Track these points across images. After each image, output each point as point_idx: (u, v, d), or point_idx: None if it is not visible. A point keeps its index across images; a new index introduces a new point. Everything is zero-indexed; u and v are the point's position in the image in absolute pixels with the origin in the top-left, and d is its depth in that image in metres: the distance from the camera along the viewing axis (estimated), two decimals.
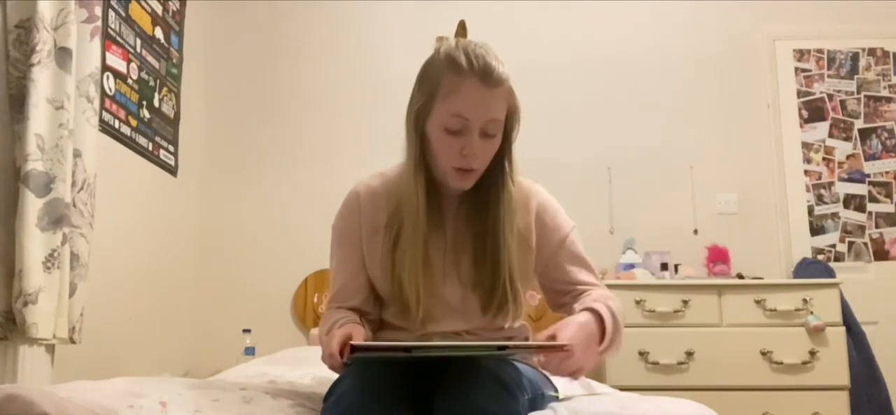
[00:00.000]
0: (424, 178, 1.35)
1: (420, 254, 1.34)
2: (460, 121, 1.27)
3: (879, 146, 3.55)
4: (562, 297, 1.45)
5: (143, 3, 2.89)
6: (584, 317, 1.24)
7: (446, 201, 1.43)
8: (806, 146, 3.55)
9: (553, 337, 1.16)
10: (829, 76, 3.60)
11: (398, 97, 1.47)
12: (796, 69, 3.61)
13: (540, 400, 1.29)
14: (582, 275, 1.44)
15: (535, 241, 1.43)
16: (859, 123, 3.57)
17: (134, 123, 2.78)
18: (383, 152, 1.60)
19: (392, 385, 1.14)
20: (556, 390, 1.40)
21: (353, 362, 1.19)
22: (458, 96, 1.27)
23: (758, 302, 2.89)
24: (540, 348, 1.17)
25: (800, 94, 3.59)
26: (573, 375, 1.17)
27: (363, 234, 1.42)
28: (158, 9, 3.04)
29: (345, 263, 1.44)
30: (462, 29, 1.42)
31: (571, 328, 1.18)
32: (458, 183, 1.34)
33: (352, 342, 1.04)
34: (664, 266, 3.20)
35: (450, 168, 1.31)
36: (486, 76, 1.26)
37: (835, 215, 3.49)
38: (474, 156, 1.29)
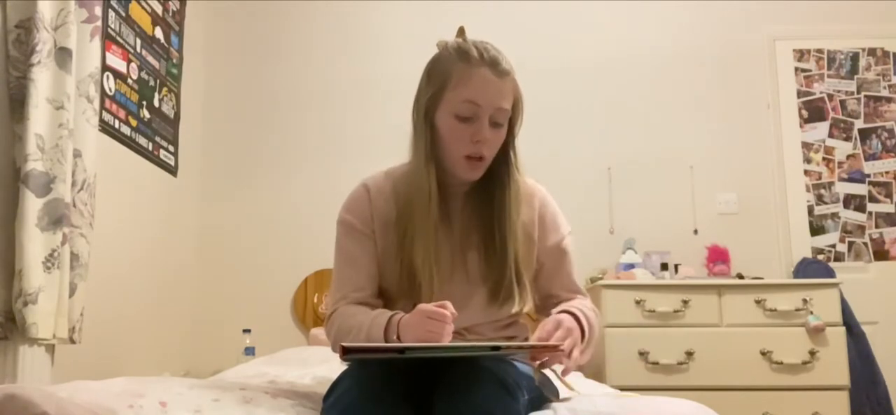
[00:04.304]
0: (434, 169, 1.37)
1: (432, 242, 1.34)
2: (472, 107, 1.32)
3: (879, 146, 3.55)
4: (548, 300, 1.48)
5: (143, 3, 2.89)
6: (568, 319, 1.27)
7: (453, 199, 1.44)
8: (806, 146, 3.55)
9: (545, 336, 1.20)
10: (829, 76, 3.60)
11: (398, 98, 1.48)
12: (796, 69, 3.61)
13: (540, 400, 1.29)
14: (571, 284, 1.49)
15: (537, 238, 1.45)
16: (859, 123, 3.57)
17: (134, 123, 2.78)
18: (383, 152, 1.60)
19: (392, 386, 1.14)
20: (557, 393, 1.40)
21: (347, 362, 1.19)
22: (469, 84, 1.32)
23: (758, 302, 2.89)
24: (534, 349, 1.18)
25: (800, 94, 3.60)
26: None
27: (376, 226, 1.41)
28: (158, 9, 3.04)
29: (357, 255, 1.41)
30: (462, 33, 1.44)
31: (561, 328, 1.22)
32: (467, 172, 1.36)
33: (343, 343, 1.03)
34: (664, 266, 3.20)
35: (460, 157, 1.34)
36: (495, 66, 1.33)
37: (835, 215, 3.49)
38: (485, 142, 1.33)
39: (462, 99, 1.32)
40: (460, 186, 1.43)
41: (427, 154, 1.36)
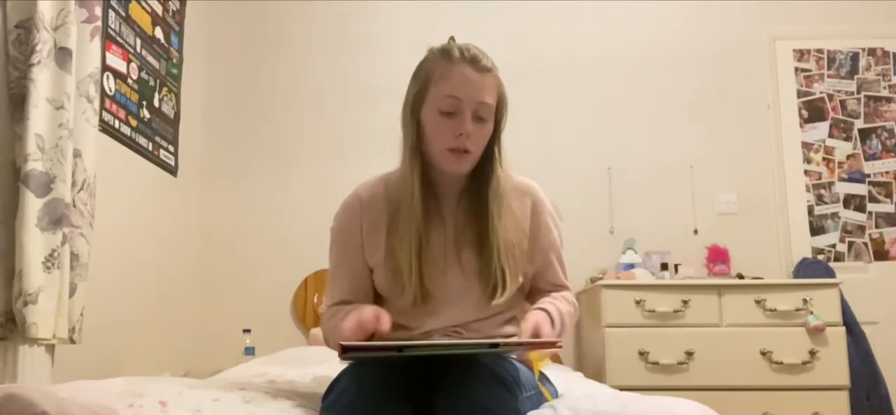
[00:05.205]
0: (421, 166, 1.41)
1: (416, 236, 1.38)
2: (454, 102, 1.36)
3: (879, 146, 3.55)
4: (533, 294, 1.52)
5: (143, 3, 2.89)
6: (540, 315, 1.33)
7: (446, 196, 1.46)
8: (806, 146, 3.55)
9: (536, 333, 1.26)
10: (829, 76, 3.60)
11: (398, 98, 1.49)
12: (796, 69, 3.61)
13: (539, 398, 1.29)
14: (557, 280, 1.53)
15: (528, 233, 1.47)
16: (859, 123, 3.57)
17: (134, 123, 2.78)
18: (383, 153, 1.61)
19: (390, 384, 1.15)
20: (556, 391, 1.40)
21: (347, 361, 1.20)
22: (450, 80, 1.37)
23: (758, 302, 2.89)
24: (532, 346, 1.19)
25: (800, 94, 3.59)
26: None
27: (364, 236, 1.45)
28: (158, 9, 3.04)
29: (344, 263, 1.48)
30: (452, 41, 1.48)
31: (544, 326, 1.29)
32: (453, 165, 1.39)
33: (343, 342, 1.04)
34: (664, 266, 3.20)
35: (444, 150, 1.38)
36: (475, 62, 1.38)
37: (835, 215, 3.49)
38: (468, 136, 1.36)
39: (443, 94, 1.36)
40: (454, 183, 1.45)
41: (413, 150, 1.41)
